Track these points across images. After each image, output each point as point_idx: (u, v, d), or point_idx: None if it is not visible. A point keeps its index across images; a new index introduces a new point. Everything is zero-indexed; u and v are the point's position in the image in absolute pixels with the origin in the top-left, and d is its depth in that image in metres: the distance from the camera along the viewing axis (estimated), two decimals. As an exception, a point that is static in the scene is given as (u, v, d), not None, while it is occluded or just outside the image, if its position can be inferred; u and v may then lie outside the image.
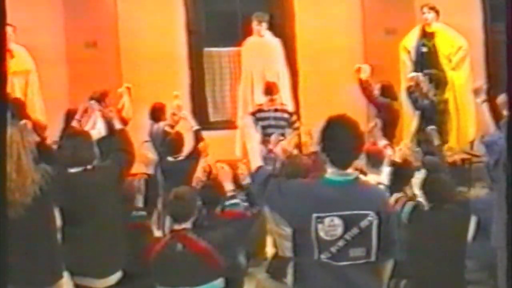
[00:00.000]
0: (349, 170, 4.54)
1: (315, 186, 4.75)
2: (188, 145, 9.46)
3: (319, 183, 4.71)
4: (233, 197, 6.36)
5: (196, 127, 9.54)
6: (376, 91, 10.36)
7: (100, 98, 9.77)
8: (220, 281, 5.88)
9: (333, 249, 4.46)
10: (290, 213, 4.61)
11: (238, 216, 6.33)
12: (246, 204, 7.69)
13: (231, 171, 6.80)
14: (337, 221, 4.44)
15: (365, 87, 10.30)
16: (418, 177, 7.21)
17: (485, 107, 6.55)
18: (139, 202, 7.50)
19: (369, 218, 4.47)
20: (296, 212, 4.54)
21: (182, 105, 10.16)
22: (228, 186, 6.45)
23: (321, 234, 4.45)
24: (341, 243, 4.45)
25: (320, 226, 4.44)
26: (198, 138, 9.34)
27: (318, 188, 4.65)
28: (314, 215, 4.44)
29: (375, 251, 4.53)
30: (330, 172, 4.55)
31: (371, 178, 7.12)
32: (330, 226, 4.44)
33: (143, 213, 6.96)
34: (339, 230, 4.45)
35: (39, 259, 5.37)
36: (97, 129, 9.04)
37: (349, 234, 4.45)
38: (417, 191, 6.84)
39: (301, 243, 4.54)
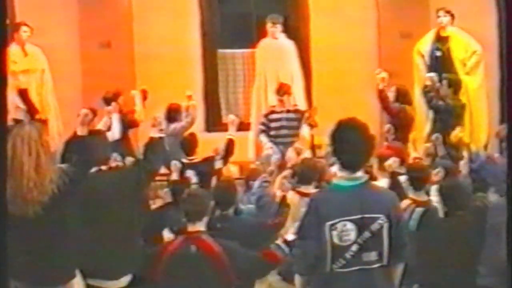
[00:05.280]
0: (359, 173, 4.57)
1: (324, 195, 4.85)
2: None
3: (327, 191, 4.86)
4: (287, 242, 6.08)
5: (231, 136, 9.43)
6: (391, 93, 10.32)
7: (113, 98, 9.82)
8: None
9: (348, 255, 4.50)
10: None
11: (279, 261, 6.15)
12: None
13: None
14: (350, 225, 4.48)
15: (382, 96, 10.25)
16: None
17: None
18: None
19: (379, 221, 4.52)
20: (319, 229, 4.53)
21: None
22: (290, 236, 6.15)
23: (336, 240, 4.48)
24: (354, 247, 4.50)
25: (334, 233, 4.48)
26: (228, 147, 9.27)
27: (327, 196, 4.73)
28: (328, 223, 4.47)
29: (387, 255, 4.57)
30: (339, 177, 4.60)
31: (382, 182, 7.12)
32: (343, 231, 4.48)
33: None
34: (352, 235, 4.49)
35: (52, 258, 5.39)
36: (111, 132, 9.09)
37: (361, 238, 4.49)
38: (432, 196, 6.82)
39: (319, 253, 4.56)
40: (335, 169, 4.67)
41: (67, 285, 5.53)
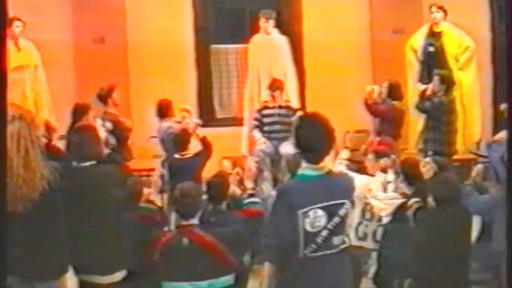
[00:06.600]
0: (322, 164, 4.81)
1: (293, 185, 5.08)
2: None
3: (296, 181, 5.08)
4: (252, 195, 6.30)
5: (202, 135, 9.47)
6: (384, 89, 10.30)
7: (107, 94, 9.79)
8: (229, 278, 5.90)
9: (319, 240, 4.75)
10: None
11: (257, 214, 6.33)
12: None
13: (257, 172, 6.81)
14: (320, 212, 4.74)
15: (366, 104, 10.20)
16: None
17: None
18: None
19: (346, 206, 4.83)
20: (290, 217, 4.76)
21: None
22: (249, 185, 6.40)
23: (307, 227, 4.73)
24: (324, 233, 4.76)
25: (307, 220, 4.72)
26: (205, 144, 9.30)
27: (296, 185, 4.96)
28: (300, 211, 4.70)
29: (347, 236, 4.98)
30: (305, 167, 4.84)
31: (379, 177, 7.14)
32: (315, 218, 4.73)
33: (153, 206, 6.95)
34: (323, 221, 4.75)
35: (45, 253, 5.38)
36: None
37: (331, 224, 4.77)
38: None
39: (292, 240, 4.78)
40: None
41: (59, 280, 5.53)
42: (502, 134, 7.28)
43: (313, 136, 4.77)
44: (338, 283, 4.93)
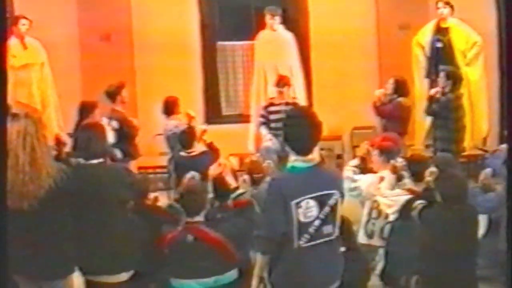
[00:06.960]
0: (311, 156, 5.01)
1: (284, 177, 5.23)
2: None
3: (286, 173, 5.19)
4: (236, 188, 6.38)
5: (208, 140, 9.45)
6: (390, 85, 10.27)
7: (116, 91, 9.76)
8: (233, 273, 5.94)
9: (311, 229, 4.93)
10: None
11: (245, 204, 6.39)
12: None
13: (232, 167, 6.90)
14: (312, 202, 4.92)
15: (374, 107, 10.18)
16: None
17: None
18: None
19: (335, 196, 5.01)
20: (283, 209, 4.90)
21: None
22: (230, 180, 6.51)
23: (301, 217, 4.91)
24: (317, 222, 4.95)
25: (300, 210, 4.89)
26: (212, 149, 9.28)
27: (287, 177, 5.12)
28: (293, 202, 4.87)
29: (338, 227, 5.10)
30: (294, 159, 5.03)
31: (388, 176, 7.11)
32: (307, 208, 4.91)
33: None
34: (315, 211, 4.93)
35: (51, 252, 5.37)
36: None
37: (322, 213, 4.95)
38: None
39: (286, 230, 4.93)
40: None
41: (66, 279, 5.53)
42: (504, 145, 7.67)
43: (300, 129, 4.97)
44: (331, 271, 5.13)
